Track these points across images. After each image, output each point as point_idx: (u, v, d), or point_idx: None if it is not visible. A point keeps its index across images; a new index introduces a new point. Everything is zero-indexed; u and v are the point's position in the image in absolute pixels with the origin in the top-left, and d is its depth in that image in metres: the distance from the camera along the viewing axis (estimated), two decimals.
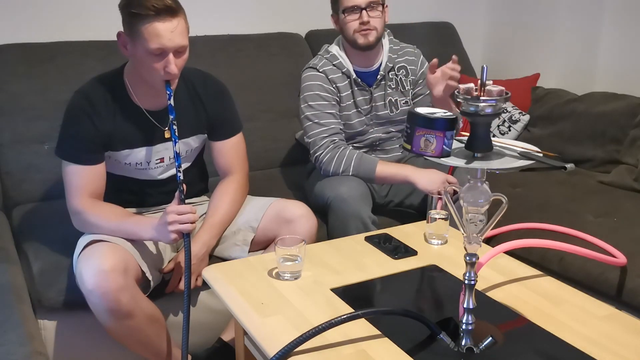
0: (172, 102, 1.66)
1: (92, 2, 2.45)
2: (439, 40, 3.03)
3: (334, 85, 2.18)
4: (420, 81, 2.29)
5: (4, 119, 2.18)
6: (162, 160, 1.82)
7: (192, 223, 1.62)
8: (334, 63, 2.20)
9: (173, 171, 1.85)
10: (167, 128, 1.77)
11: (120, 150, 1.75)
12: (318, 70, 2.19)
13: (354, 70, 2.21)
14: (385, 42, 2.27)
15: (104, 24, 1.80)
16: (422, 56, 2.32)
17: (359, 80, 2.21)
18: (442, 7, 3.23)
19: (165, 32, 1.58)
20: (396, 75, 2.26)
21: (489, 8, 3.46)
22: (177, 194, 1.65)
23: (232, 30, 2.70)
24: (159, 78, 1.65)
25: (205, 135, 1.89)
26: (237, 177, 1.91)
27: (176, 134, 1.66)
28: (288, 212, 1.84)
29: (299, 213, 1.84)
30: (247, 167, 1.96)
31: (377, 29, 2.15)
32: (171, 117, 1.66)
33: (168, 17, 1.59)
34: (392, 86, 2.26)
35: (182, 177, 1.66)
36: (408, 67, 2.28)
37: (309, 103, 2.16)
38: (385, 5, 2.19)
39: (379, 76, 2.23)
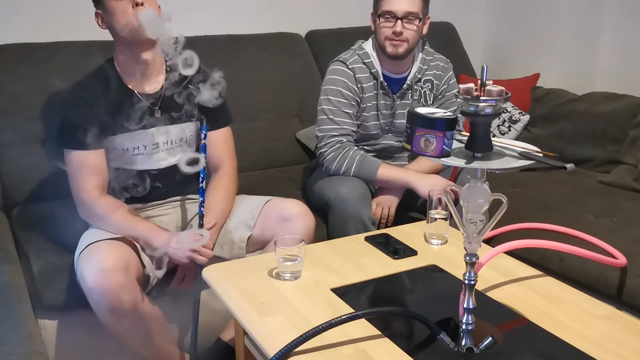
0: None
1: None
2: (439, 40, 3.03)
3: (359, 85, 2.15)
4: (440, 97, 2.26)
5: (4, 119, 2.18)
6: (157, 145, 1.84)
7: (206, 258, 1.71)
8: (364, 61, 2.17)
9: (170, 160, 1.87)
10: (157, 108, 1.82)
11: (117, 133, 1.78)
12: (347, 67, 2.16)
13: (382, 73, 2.18)
14: (419, 51, 2.21)
15: None
16: (451, 72, 2.27)
17: (385, 84, 2.18)
18: (442, 7, 3.21)
19: None
20: (421, 87, 2.23)
21: (489, 8, 3.46)
22: (199, 223, 1.76)
23: (232, 30, 2.70)
24: (135, 25, 1.67)
25: (197, 122, 1.89)
26: (227, 170, 1.93)
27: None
28: (285, 211, 1.85)
29: (296, 211, 1.84)
30: (236, 163, 1.97)
31: (409, 41, 2.10)
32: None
33: None
34: (416, 98, 2.22)
35: (203, 211, 1.75)
36: (434, 82, 2.24)
37: (329, 97, 2.14)
38: (427, 17, 2.13)
39: (404, 85, 2.20)
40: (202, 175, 1.77)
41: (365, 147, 2.24)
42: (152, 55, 1.77)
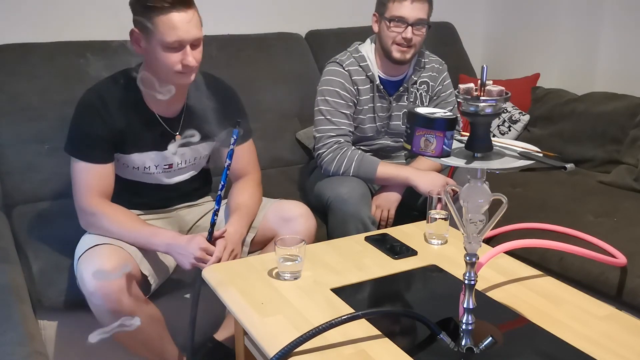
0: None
1: (92, 2, 2.45)
2: (439, 40, 3.03)
3: (355, 87, 2.15)
4: (435, 98, 2.26)
5: (4, 119, 2.17)
6: (170, 166, 1.81)
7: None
8: (360, 64, 2.16)
9: (180, 177, 1.86)
10: (178, 133, 1.76)
11: (129, 153, 1.74)
12: (343, 68, 2.15)
13: (378, 76, 2.18)
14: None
15: (104, 24, 1.80)
16: (445, 73, 2.27)
17: (381, 87, 2.18)
18: (442, 7, 3.20)
19: (182, 23, 1.57)
20: (417, 89, 2.23)
21: (489, 8, 3.46)
22: (208, 231, 1.67)
23: (232, 30, 2.70)
24: (176, 72, 1.63)
25: (214, 142, 1.85)
26: (254, 176, 1.91)
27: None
28: (287, 212, 1.84)
29: (297, 212, 1.84)
30: (260, 171, 1.96)
31: (416, 46, 2.11)
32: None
33: (183, 9, 1.57)
34: (412, 100, 2.23)
35: (216, 219, 1.68)
36: (430, 83, 2.24)
37: (326, 98, 2.14)
38: (430, 26, 2.12)
39: (401, 88, 2.20)
40: (222, 183, 1.68)
41: (361, 147, 2.24)
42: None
